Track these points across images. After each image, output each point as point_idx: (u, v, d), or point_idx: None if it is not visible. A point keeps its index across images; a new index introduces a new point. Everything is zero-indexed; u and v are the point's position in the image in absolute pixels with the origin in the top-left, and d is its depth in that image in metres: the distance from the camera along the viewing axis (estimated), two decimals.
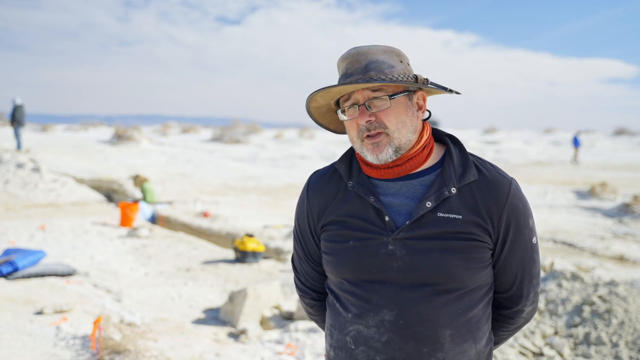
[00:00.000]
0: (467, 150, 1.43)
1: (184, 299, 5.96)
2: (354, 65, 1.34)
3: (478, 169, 1.39)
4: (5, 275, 5.67)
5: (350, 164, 1.45)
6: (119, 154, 20.40)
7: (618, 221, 10.90)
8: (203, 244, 8.84)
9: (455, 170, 1.37)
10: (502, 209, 1.35)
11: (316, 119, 1.48)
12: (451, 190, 1.34)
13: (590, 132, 53.20)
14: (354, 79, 1.33)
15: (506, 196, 1.36)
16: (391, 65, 1.34)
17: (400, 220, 1.35)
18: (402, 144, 1.35)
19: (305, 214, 1.50)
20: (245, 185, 16.22)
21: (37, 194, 11.79)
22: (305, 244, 1.53)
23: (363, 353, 1.35)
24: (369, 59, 1.33)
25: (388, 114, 1.33)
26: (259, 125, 39.85)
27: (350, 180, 1.42)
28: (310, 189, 1.50)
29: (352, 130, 1.37)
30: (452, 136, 1.46)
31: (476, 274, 1.34)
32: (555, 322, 4.64)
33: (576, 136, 25.15)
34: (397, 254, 1.32)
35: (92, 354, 3.97)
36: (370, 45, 1.36)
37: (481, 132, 51.37)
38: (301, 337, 4.62)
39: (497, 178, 1.38)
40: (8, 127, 25.57)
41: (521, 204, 1.39)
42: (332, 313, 1.45)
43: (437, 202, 1.33)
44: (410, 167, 1.38)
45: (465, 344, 1.34)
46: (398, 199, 1.37)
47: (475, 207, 1.34)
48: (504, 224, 1.35)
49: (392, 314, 1.32)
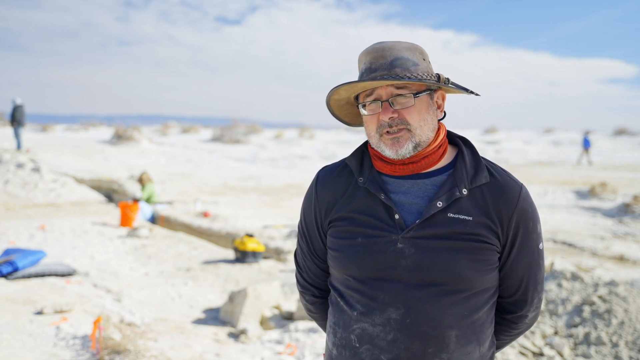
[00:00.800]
0: (479, 153, 1.44)
1: (184, 299, 5.96)
2: (379, 60, 1.33)
3: (490, 172, 1.39)
4: (5, 275, 5.67)
5: (361, 159, 1.45)
6: (119, 154, 20.40)
7: (618, 221, 10.90)
8: (203, 244, 8.84)
9: (467, 172, 1.37)
10: (512, 213, 1.35)
11: (333, 111, 1.48)
12: (462, 191, 1.34)
13: (591, 132, 53.18)
14: (378, 74, 1.32)
15: (517, 200, 1.36)
16: (415, 62, 1.34)
17: (410, 218, 1.35)
18: (422, 141, 1.35)
19: (312, 208, 1.49)
20: (245, 185, 16.22)
21: (37, 194, 11.79)
22: (310, 239, 1.51)
23: (368, 351, 1.35)
24: (395, 55, 1.33)
25: (411, 112, 1.33)
26: (259, 125, 39.85)
27: (361, 176, 1.41)
28: (319, 184, 1.49)
29: (372, 124, 1.37)
30: (464, 138, 1.47)
31: (484, 276, 1.34)
32: (555, 322, 4.64)
33: (586, 137, 24.58)
34: (405, 253, 1.32)
35: (92, 354, 3.97)
36: (394, 41, 1.36)
37: (481, 132, 51.35)
38: (301, 337, 4.62)
39: (508, 182, 1.38)
40: (8, 127, 25.57)
41: (530, 209, 1.39)
42: (335, 311, 1.44)
43: (448, 202, 1.33)
44: (425, 165, 1.38)
45: (469, 346, 1.35)
46: (409, 197, 1.37)
47: (486, 210, 1.34)
48: (513, 227, 1.36)
49: (399, 313, 1.31)
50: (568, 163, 24.84)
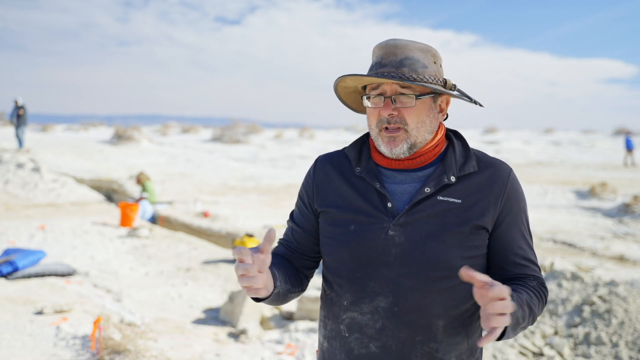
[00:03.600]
0: (469, 144, 1.47)
1: (184, 299, 5.96)
2: (390, 57, 1.36)
3: (479, 159, 1.43)
4: (5, 275, 5.67)
5: (360, 150, 1.49)
6: (119, 154, 20.41)
7: (618, 221, 10.90)
8: (203, 244, 8.84)
9: (456, 161, 1.41)
10: (503, 193, 1.39)
11: (341, 96, 1.52)
12: (451, 178, 1.38)
13: (590, 132, 53.19)
14: (387, 70, 1.35)
15: (506, 181, 1.40)
16: (425, 65, 1.37)
17: (401, 206, 1.38)
18: (417, 142, 1.39)
19: (309, 188, 1.52)
20: (245, 185, 16.22)
21: (37, 194, 11.79)
22: (299, 210, 1.55)
23: (357, 340, 1.37)
24: (405, 54, 1.36)
25: (411, 112, 1.37)
26: (258, 125, 39.83)
27: (358, 166, 1.46)
28: (318, 168, 1.53)
29: (373, 118, 1.41)
30: (455, 131, 1.51)
31: (472, 264, 1.35)
32: (555, 322, 4.64)
33: (628, 137, 24.30)
34: (396, 240, 1.35)
35: (92, 354, 3.97)
36: (409, 40, 1.39)
37: (481, 132, 51.37)
38: (301, 337, 4.62)
39: (497, 165, 1.43)
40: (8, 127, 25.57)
41: (520, 190, 1.44)
42: (325, 305, 1.47)
43: (436, 188, 1.37)
44: (420, 162, 1.42)
45: (457, 337, 1.37)
46: (401, 186, 1.41)
47: (475, 193, 1.38)
48: (503, 207, 1.39)
49: (387, 301, 1.34)
50: (568, 163, 24.84)
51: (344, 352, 1.40)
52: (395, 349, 1.35)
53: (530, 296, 1.35)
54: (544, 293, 1.42)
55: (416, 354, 1.35)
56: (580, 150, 31.99)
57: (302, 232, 1.53)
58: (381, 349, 1.36)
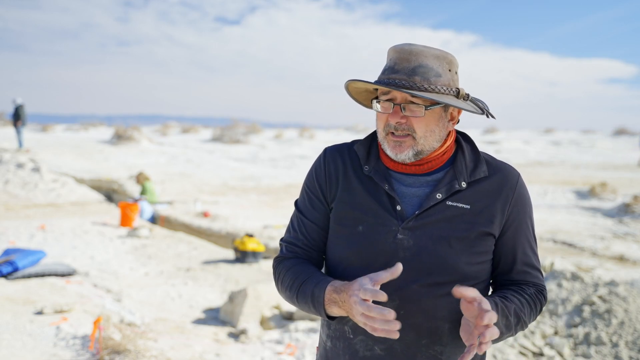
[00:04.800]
0: (478, 148, 1.47)
1: (184, 299, 5.96)
2: (403, 62, 1.34)
3: (489, 163, 1.43)
4: (5, 275, 5.67)
5: (369, 148, 1.47)
6: (119, 154, 20.40)
7: (618, 221, 10.89)
8: (203, 244, 8.84)
9: (466, 166, 1.41)
10: (510, 200, 1.39)
11: (351, 94, 1.50)
12: (462, 184, 1.38)
13: (590, 132, 53.17)
14: (398, 77, 1.33)
15: (515, 187, 1.41)
16: (438, 73, 1.34)
17: (410, 210, 1.37)
18: (424, 150, 1.38)
19: (322, 178, 1.47)
20: (245, 185, 16.21)
21: (37, 194, 11.79)
22: (311, 202, 1.49)
23: (362, 342, 1.37)
24: (419, 61, 1.33)
25: (419, 122, 1.35)
26: (258, 125, 39.81)
27: (367, 164, 1.44)
28: (328, 158, 1.49)
29: (381, 122, 1.40)
30: (464, 134, 1.50)
31: (478, 269, 1.36)
32: (555, 322, 4.64)
33: None
34: (404, 244, 1.34)
35: (92, 354, 3.97)
36: (425, 46, 1.36)
37: (481, 132, 51.34)
38: (301, 337, 4.62)
39: (506, 170, 1.43)
40: (8, 127, 25.56)
41: (527, 195, 1.45)
42: None
43: (447, 194, 1.36)
44: (428, 168, 1.41)
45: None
46: (410, 190, 1.40)
47: (483, 199, 1.38)
48: (510, 213, 1.40)
49: (394, 304, 1.33)
50: (568, 163, 24.83)
51: (348, 353, 1.39)
52: (401, 352, 1.35)
53: (521, 305, 1.36)
54: (539, 300, 1.43)
55: (421, 356, 1.35)
56: (580, 150, 31.97)
57: (315, 227, 1.47)
58: (386, 352, 1.36)
